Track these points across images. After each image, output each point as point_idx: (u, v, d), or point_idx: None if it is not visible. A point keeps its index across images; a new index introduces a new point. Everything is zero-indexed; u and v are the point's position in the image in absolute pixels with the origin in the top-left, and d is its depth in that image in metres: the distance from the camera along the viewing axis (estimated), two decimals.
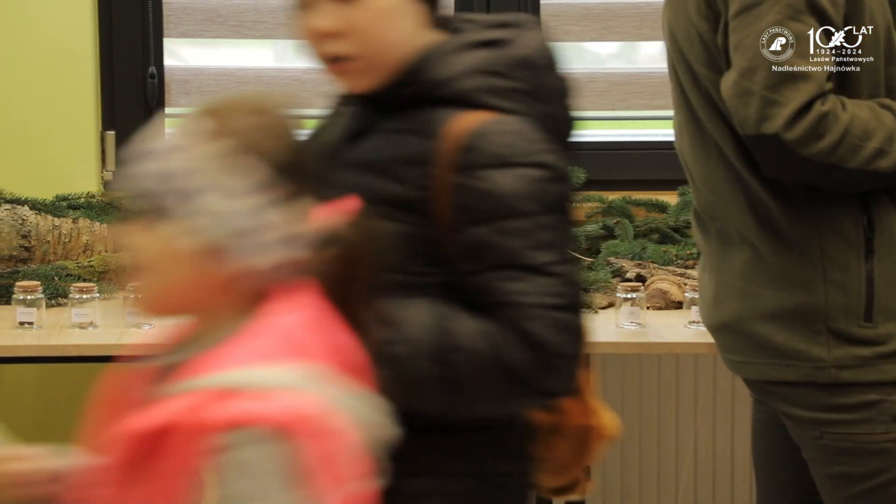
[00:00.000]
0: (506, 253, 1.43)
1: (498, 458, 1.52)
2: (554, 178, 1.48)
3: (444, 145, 1.46)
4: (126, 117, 3.23)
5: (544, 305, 1.42)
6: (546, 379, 1.44)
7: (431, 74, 1.50)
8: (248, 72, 3.29)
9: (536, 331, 1.41)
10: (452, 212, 1.44)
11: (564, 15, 3.30)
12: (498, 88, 1.50)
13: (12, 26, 3.13)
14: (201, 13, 3.24)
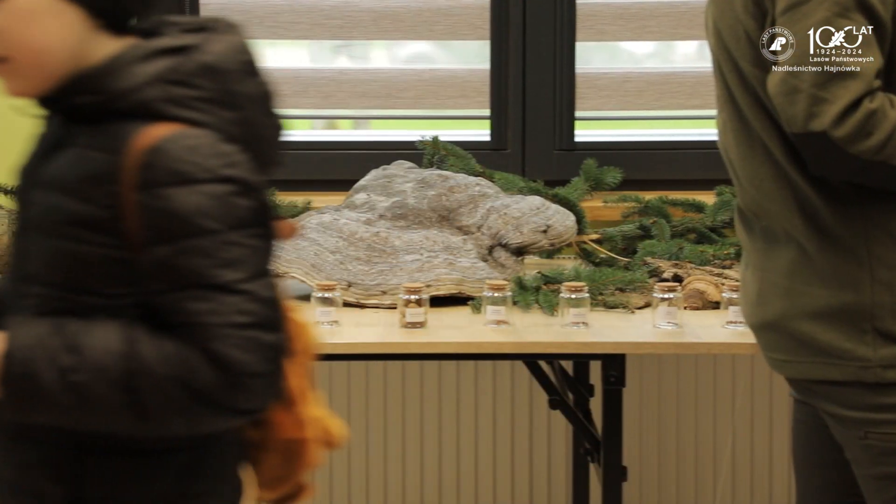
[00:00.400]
0: (190, 273, 1.39)
1: (196, 477, 1.49)
2: (242, 192, 1.42)
3: (126, 162, 1.41)
4: None
5: (231, 324, 1.39)
6: (236, 398, 1.41)
7: (113, 84, 1.45)
8: (285, 72, 3.29)
9: (222, 350, 1.38)
10: (139, 231, 1.40)
11: (600, 14, 3.29)
12: (180, 98, 1.45)
13: None
14: (237, 14, 3.24)
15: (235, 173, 1.43)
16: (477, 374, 3.21)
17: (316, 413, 1.64)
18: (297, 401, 1.60)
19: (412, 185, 2.75)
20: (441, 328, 2.39)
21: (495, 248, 2.69)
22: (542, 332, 2.37)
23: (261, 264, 1.44)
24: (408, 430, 3.22)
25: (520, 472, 3.24)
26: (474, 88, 3.31)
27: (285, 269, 2.60)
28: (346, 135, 3.45)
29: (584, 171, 3.15)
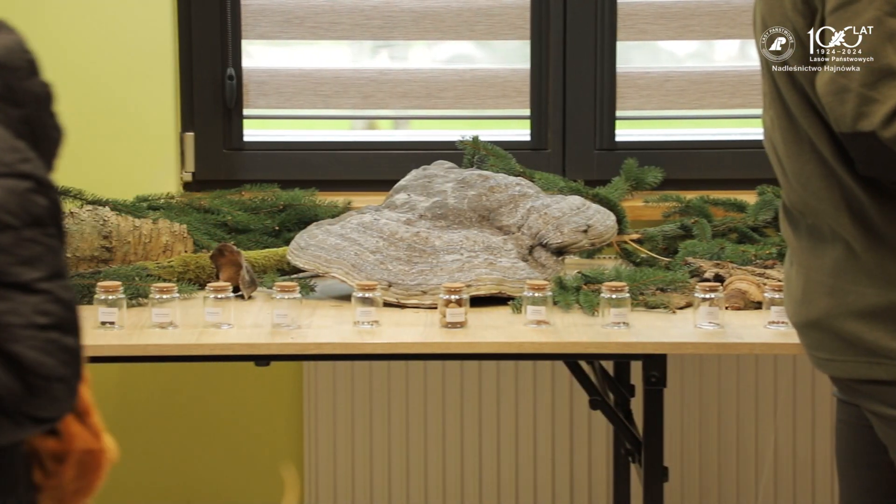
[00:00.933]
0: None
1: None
2: (38, 189, 1.38)
3: None
4: (204, 119, 3.26)
5: (32, 325, 1.33)
6: (34, 404, 1.35)
7: None
8: (326, 72, 3.30)
9: (22, 352, 1.32)
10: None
11: (641, 14, 3.28)
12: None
13: (93, 29, 3.16)
14: (279, 14, 3.26)
15: (31, 170, 1.39)
16: (517, 374, 3.21)
17: (100, 426, 1.57)
18: (90, 411, 1.54)
19: (452, 185, 2.76)
20: (481, 328, 2.39)
21: (535, 248, 2.69)
22: (583, 332, 2.36)
23: (58, 264, 1.38)
24: (448, 430, 3.22)
25: (560, 472, 3.23)
26: (515, 88, 3.30)
27: (326, 269, 2.61)
28: (386, 135, 3.46)
29: (625, 171, 3.14)
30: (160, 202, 3.03)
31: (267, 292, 2.61)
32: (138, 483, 3.30)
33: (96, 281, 2.47)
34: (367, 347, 2.32)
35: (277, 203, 3.04)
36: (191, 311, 2.47)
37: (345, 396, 3.21)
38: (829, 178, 1.90)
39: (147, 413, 3.29)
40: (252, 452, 3.30)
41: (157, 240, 2.77)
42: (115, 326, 2.35)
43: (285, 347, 2.30)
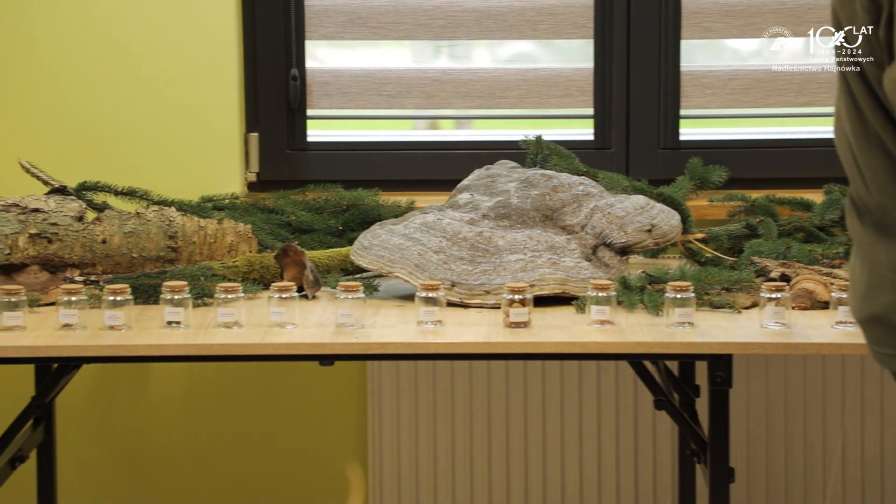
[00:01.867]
0: None
1: None
2: None
3: None
4: (268, 119, 3.28)
5: None
6: None
7: None
8: (389, 73, 3.31)
9: None
10: None
11: (706, 12, 3.26)
12: None
13: (158, 31, 3.19)
14: (342, 15, 3.27)
15: None
16: (581, 374, 3.20)
17: None
18: None
19: (515, 184, 2.75)
20: (545, 328, 2.38)
21: (599, 248, 2.68)
22: (647, 332, 2.35)
23: None
24: (511, 429, 3.22)
25: (625, 473, 3.22)
26: (578, 87, 3.29)
27: (389, 269, 2.61)
28: (449, 135, 3.46)
29: (689, 170, 3.12)
30: (225, 202, 3.04)
31: (331, 292, 2.62)
32: (204, 482, 3.32)
33: (162, 281, 2.49)
34: (430, 347, 2.32)
35: (341, 203, 3.05)
36: (255, 311, 2.48)
37: (408, 396, 3.21)
38: (895, 173, 1.87)
39: (212, 412, 3.31)
40: (316, 452, 3.31)
41: (222, 240, 2.78)
42: (180, 326, 2.37)
43: (349, 347, 2.30)
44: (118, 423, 3.31)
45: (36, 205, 2.71)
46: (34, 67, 3.19)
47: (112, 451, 3.32)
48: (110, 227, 2.72)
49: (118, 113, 3.20)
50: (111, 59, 3.19)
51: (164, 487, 3.33)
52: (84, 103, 3.19)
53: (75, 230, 2.70)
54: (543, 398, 3.21)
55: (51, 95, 3.19)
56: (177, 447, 3.31)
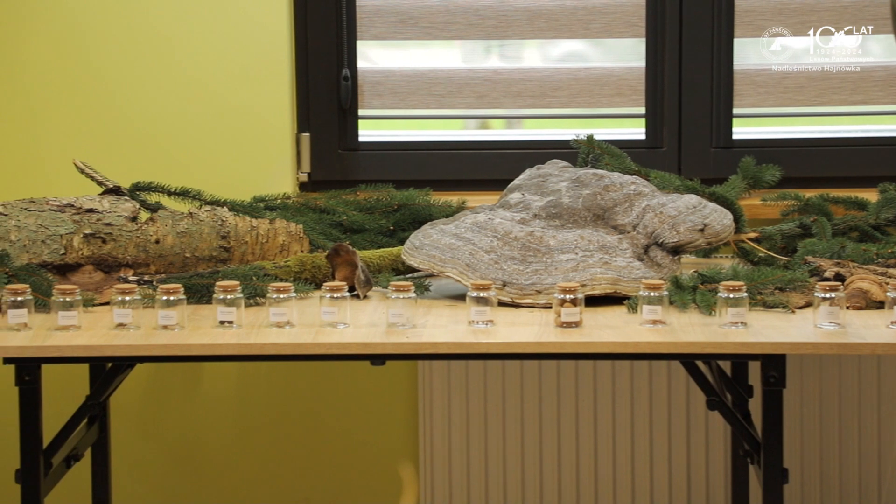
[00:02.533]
0: None
1: None
2: None
3: None
4: (320, 119, 3.29)
5: None
6: None
7: None
8: (440, 73, 3.31)
9: None
10: None
11: (759, 10, 3.24)
12: None
13: (210, 31, 3.21)
14: (393, 15, 3.27)
15: None
16: (633, 374, 3.19)
17: None
18: None
19: (567, 184, 2.74)
20: (596, 328, 2.38)
21: (651, 248, 2.67)
22: (700, 332, 2.34)
23: None
24: (563, 429, 3.21)
25: (677, 473, 3.21)
26: (630, 86, 3.28)
27: (440, 269, 2.61)
28: (500, 134, 3.46)
29: (742, 169, 3.11)
30: (277, 202, 3.06)
31: (382, 292, 2.62)
32: (256, 481, 3.33)
33: (215, 281, 2.50)
34: (481, 347, 2.32)
35: (392, 203, 3.05)
36: (307, 311, 2.49)
37: (459, 396, 3.21)
38: None
39: (264, 411, 3.32)
40: (368, 451, 3.32)
41: (274, 240, 2.80)
42: (233, 326, 2.38)
43: (401, 347, 2.31)
44: (171, 422, 3.33)
45: (90, 205, 2.73)
46: (88, 68, 3.21)
47: (165, 449, 3.34)
48: (163, 227, 2.74)
49: (171, 113, 3.22)
50: (164, 59, 3.21)
51: (216, 487, 3.35)
52: (137, 104, 3.22)
53: (129, 230, 2.72)
54: (595, 398, 3.20)
55: (105, 96, 3.22)
56: (229, 446, 3.33)
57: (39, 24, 3.20)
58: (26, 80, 3.21)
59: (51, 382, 2.64)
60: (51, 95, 3.21)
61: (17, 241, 2.65)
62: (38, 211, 2.69)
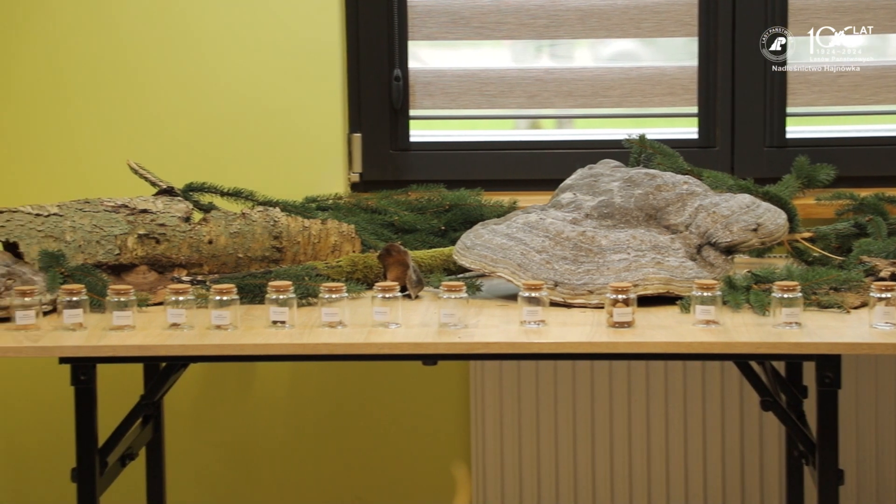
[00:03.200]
0: None
1: None
2: None
3: None
4: (372, 120, 3.29)
5: None
6: None
7: None
8: (491, 73, 3.31)
9: None
10: None
11: (814, 7, 3.22)
12: None
13: (262, 32, 3.22)
14: (445, 16, 3.28)
15: None
16: (685, 374, 3.17)
17: None
18: None
19: (619, 183, 2.73)
20: (649, 328, 2.37)
21: (704, 247, 2.66)
22: (754, 333, 2.32)
23: None
24: (615, 430, 3.20)
25: (731, 473, 3.19)
26: (682, 86, 3.27)
27: (492, 269, 2.61)
28: (551, 134, 3.45)
29: (796, 168, 3.08)
30: (328, 203, 3.07)
31: (434, 292, 2.63)
32: (308, 480, 3.35)
33: (267, 281, 2.51)
34: (533, 347, 2.31)
35: (443, 203, 3.05)
36: (359, 311, 2.50)
37: (511, 395, 3.21)
38: None
39: (316, 411, 3.33)
40: (419, 451, 3.32)
41: (326, 240, 2.80)
42: (285, 326, 2.39)
43: (452, 347, 2.31)
44: (224, 422, 3.35)
45: (144, 206, 2.75)
46: (143, 70, 3.23)
47: (218, 448, 3.35)
48: (216, 227, 2.75)
49: (224, 114, 3.24)
50: (217, 60, 3.23)
51: (268, 486, 3.36)
52: (190, 105, 3.24)
53: (182, 231, 2.74)
54: (647, 398, 3.19)
55: (159, 97, 3.24)
56: (281, 446, 3.34)
57: (95, 25, 3.23)
58: (81, 81, 3.24)
59: (105, 382, 2.66)
60: (105, 97, 3.24)
61: (73, 242, 2.67)
62: (92, 212, 2.72)
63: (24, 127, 3.25)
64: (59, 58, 3.24)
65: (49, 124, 3.25)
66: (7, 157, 3.26)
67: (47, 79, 3.24)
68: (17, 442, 3.32)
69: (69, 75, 3.24)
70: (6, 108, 3.25)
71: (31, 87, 3.24)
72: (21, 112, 3.25)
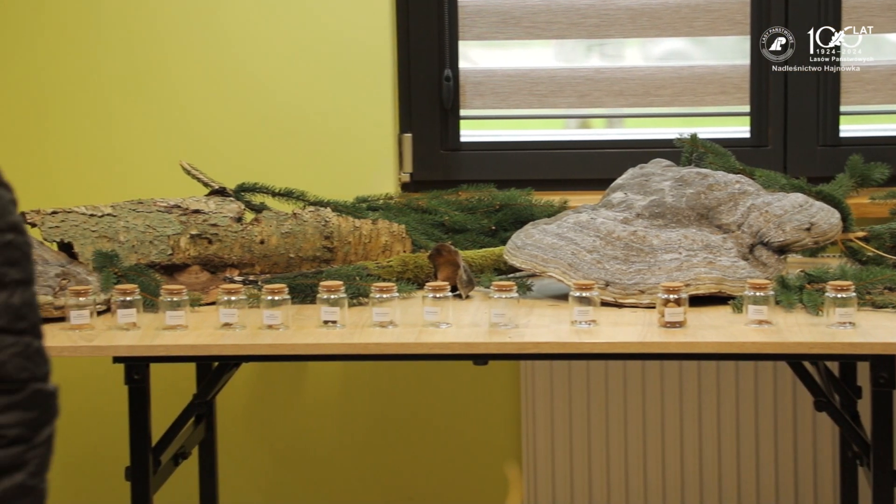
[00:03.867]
0: None
1: None
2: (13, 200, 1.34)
3: None
4: (422, 120, 3.30)
5: None
6: None
7: None
8: (541, 72, 3.30)
9: None
10: None
11: (866, 7, 3.19)
12: None
13: (314, 33, 3.23)
14: (495, 15, 3.27)
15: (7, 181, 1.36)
16: (738, 374, 3.16)
17: None
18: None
19: (670, 183, 2.72)
20: (701, 328, 2.35)
21: (756, 247, 2.64)
22: (807, 333, 2.31)
23: None
24: (667, 430, 3.19)
25: (784, 474, 3.17)
26: (734, 85, 3.25)
27: (542, 269, 2.61)
28: (601, 133, 3.44)
29: (850, 167, 3.06)
30: (379, 203, 3.07)
31: (484, 292, 2.62)
32: (360, 480, 3.35)
33: (318, 281, 2.52)
34: (584, 347, 2.31)
35: (494, 203, 3.05)
36: (410, 311, 2.50)
37: (562, 395, 3.20)
38: None
39: (368, 411, 3.34)
40: (471, 451, 3.32)
41: (377, 240, 2.81)
42: (336, 325, 2.40)
43: (503, 347, 2.31)
44: (275, 421, 3.36)
45: (196, 206, 2.77)
46: (196, 69, 3.26)
47: (270, 447, 3.37)
48: (268, 227, 2.77)
49: (275, 115, 3.25)
50: (268, 62, 3.25)
51: (320, 485, 3.37)
52: (243, 106, 3.25)
53: (234, 231, 2.75)
54: (699, 399, 3.17)
55: (210, 99, 3.26)
56: (332, 445, 3.35)
57: (144, 27, 3.25)
58: (136, 83, 3.26)
59: (158, 381, 2.68)
60: (159, 98, 3.26)
61: (126, 242, 2.69)
62: (146, 212, 2.74)
63: (79, 128, 3.28)
64: (116, 59, 3.26)
65: (103, 125, 3.27)
66: (62, 158, 3.29)
67: (103, 80, 3.26)
68: (71, 441, 3.35)
69: (125, 77, 3.26)
70: (62, 110, 3.28)
71: (86, 88, 3.27)
72: (76, 113, 3.28)
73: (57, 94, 3.28)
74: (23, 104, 3.28)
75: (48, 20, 3.26)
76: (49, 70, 3.27)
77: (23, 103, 3.28)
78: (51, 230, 2.65)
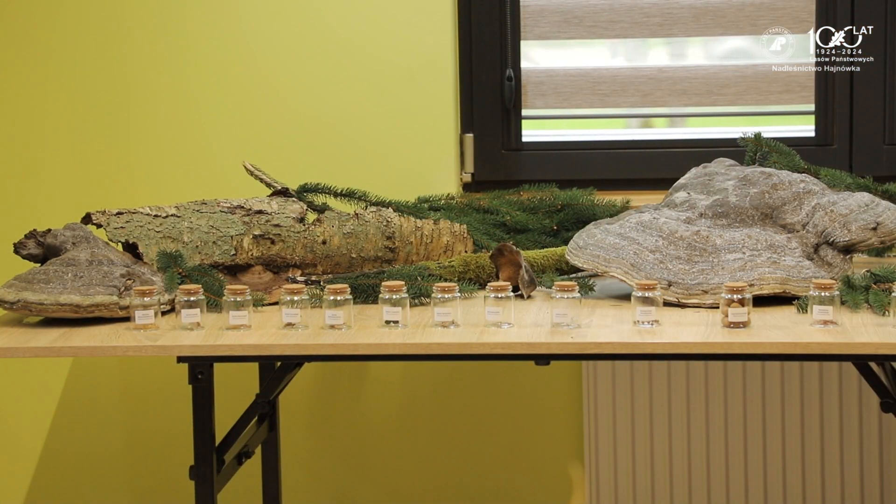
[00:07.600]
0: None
1: None
2: None
3: None
4: (484, 120, 3.30)
5: None
6: None
7: None
8: (603, 72, 3.29)
9: None
10: None
11: None
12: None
13: (376, 33, 3.24)
14: (557, 15, 3.27)
15: None
16: (802, 375, 3.13)
17: None
18: None
19: (734, 182, 2.70)
20: (765, 328, 2.34)
21: (821, 247, 2.62)
22: (873, 333, 2.28)
23: None
24: (730, 431, 3.17)
25: (849, 476, 3.14)
26: (798, 83, 3.22)
27: (604, 269, 2.60)
28: (664, 133, 3.42)
29: None
30: (441, 203, 3.07)
31: (546, 292, 2.62)
32: (421, 479, 3.36)
33: (380, 281, 2.53)
34: (647, 347, 2.30)
35: (555, 203, 3.05)
36: (471, 311, 2.50)
37: (624, 396, 3.19)
38: None
39: (429, 410, 3.35)
40: (532, 451, 3.32)
41: (438, 240, 2.81)
42: (398, 325, 2.40)
43: (565, 347, 2.30)
44: (337, 421, 3.37)
45: (259, 207, 2.79)
46: (257, 72, 3.27)
47: (332, 447, 3.38)
48: (330, 228, 2.78)
49: (337, 115, 3.26)
50: (329, 62, 3.26)
51: (382, 485, 3.38)
52: (304, 106, 3.27)
53: (297, 231, 2.77)
54: (763, 399, 3.15)
55: (272, 99, 3.27)
56: (394, 445, 3.36)
57: (209, 28, 3.27)
58: (199, 84, 3.29)
59: (222, 381, 2.70)
60: (221, 99, 3.28)
61: (190, 243, 2.71)
62: (209, 212, 2.75)
63: (143, 130, 3.31)
64: (179, 61, 3.29)
65: (167, 127, 3.30)
66: (126, 159, 3.32)
67: (166, 82, 3.29)
68: (135, 440, 3.38)
69: (188, 78, 3.29)
70: (125, 111, 3.31)
71: (149, 91, 3.30)
72: (140, 115, 3.31)
73: (120, 97, 3.31)
74: (102, 108, 3.32)
75: (128, 25, 3.29)
76: (131, 73, 3.30)
77: (102, 107, 3.32)
78: (116, 231, 2.67)
